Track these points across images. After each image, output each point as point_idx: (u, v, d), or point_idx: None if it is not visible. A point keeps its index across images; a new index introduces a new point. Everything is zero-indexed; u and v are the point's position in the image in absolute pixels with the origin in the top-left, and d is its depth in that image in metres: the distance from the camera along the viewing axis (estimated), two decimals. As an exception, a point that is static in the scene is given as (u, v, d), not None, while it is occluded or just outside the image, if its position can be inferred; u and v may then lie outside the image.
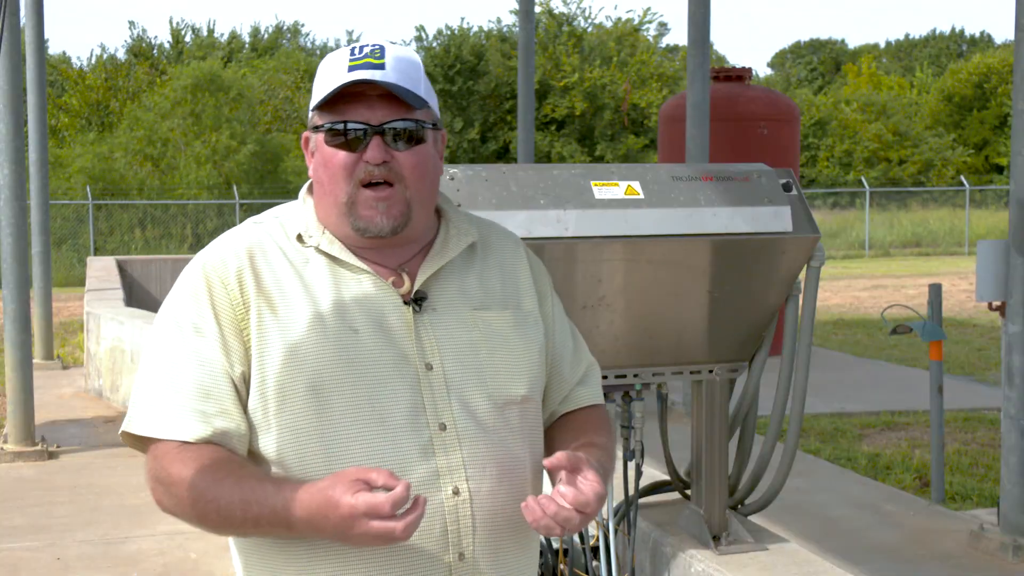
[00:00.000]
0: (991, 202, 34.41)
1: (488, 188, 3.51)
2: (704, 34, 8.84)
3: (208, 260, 1.93)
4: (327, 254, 1.94)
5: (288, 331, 1.87)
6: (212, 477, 1.81)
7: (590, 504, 1.81)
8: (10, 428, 8.22)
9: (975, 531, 5.91)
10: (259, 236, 1.96)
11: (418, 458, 1.87)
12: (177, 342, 1.89)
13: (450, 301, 1.97)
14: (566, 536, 3.97)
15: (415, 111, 1.92)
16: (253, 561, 1.95)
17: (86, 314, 10.79)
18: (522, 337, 2.00)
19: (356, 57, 1.91)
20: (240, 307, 1.89)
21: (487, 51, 37.80)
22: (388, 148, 1.90)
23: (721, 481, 4.01)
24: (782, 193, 3.79)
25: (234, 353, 1.87)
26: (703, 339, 3.86)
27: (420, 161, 1.93)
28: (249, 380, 1.88)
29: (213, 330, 1.88)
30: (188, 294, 1.91)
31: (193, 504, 1.82)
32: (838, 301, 18.43)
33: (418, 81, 1.93)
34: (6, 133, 8.18)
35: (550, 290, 2.12)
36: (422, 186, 1.94)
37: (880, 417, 9.33)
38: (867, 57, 52.71)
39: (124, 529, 6.40)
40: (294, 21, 55.33)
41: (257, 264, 1.92)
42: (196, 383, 1.86)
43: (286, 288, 1.91)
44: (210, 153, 29.99)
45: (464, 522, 1.89)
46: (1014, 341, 5.74)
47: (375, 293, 1.93)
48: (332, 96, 1.90)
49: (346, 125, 1.90)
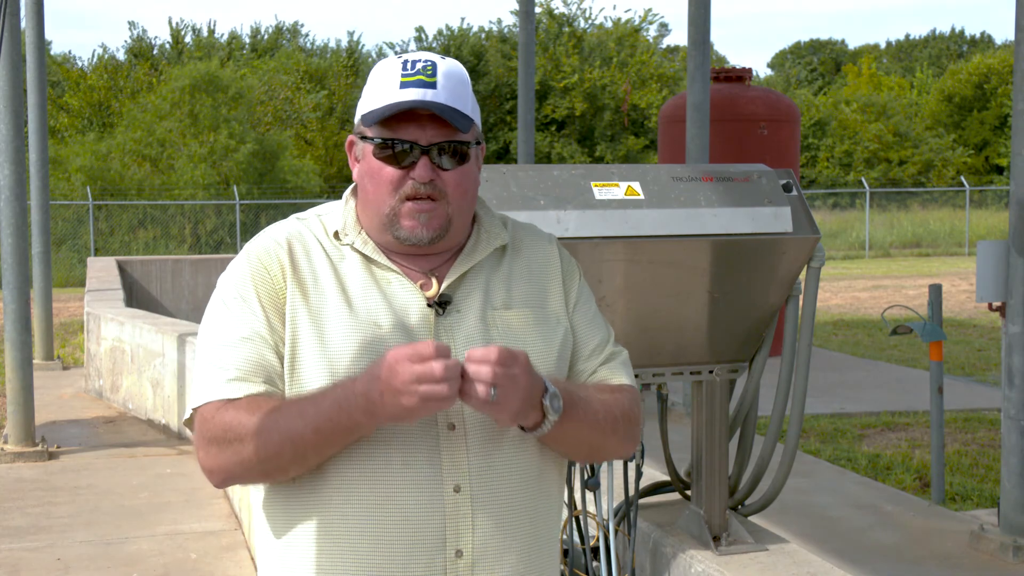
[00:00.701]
0: (991, 203, 34.42)
1: (488, 188, 3.51)
2: (704, 34, 8.85)
3: (252, 248, 2.04)
4: (361, 253, 2.02)
5: (317, 318, 1.96)
6: (265, 407, 1.89)
7: (478, 353, 1.81)
8: (10, 428, 8.22)
9: (975, 532, 5.91)
10: (299, 229, 2.06)
11: (424, 454, 1.92)
12: (226, 320, 1.99)
13: (474, 302, 2.03)
14: (567, 539, 3.98)
15: (463, 132, 1.98)
16: (268, 549, 2.02)
17: (86, 314, 10.79)
18: (541, 336, 2.04)
19: (408, 73, 1.97)
20: (281, 291, 1.98)
21: (487, 52, 37.81)
22: (435, 167, 1.97)
23: (721, 481, 4.01)
24: (782, 194, 3.79)
25: (276, 333, 1.97)
26: (703, 339, 3.86)
27: (463, 180, 2.00)
28: (284, 361, 1.96)
29: (257, 309, 1.97)
30: (235, 279, 2.02)
31: (252, 437, 1.88)
32: (838, 302, 18.43)
33: (466, 99, 2.00)
34: (6, 133, 8.19)
35: (576, 288, 2.15)
36: (463, 202, 2.02)
37: (880, 418, 9.33)
38: (867, 57, 52.73)
39: (124, 530, 6.41)
40: (294, 21, 55.32)
41: (295, 253, 2.01)
42: (242, 357, 1.95)
43: (320, 279, 2.00)
44: (207, 153, 29.98)
45: (463, 520, 1.93)
46: (1014, 342, 5.74)
47: (401, 294, 2.00)
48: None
49: (396, 143, 1.97)
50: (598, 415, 1.99)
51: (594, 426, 1.99)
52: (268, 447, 1.87)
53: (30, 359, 8.41)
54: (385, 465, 1.92)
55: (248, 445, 1.88)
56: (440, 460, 1.93)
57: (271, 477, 1.95)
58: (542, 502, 2.04)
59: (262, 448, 1.87)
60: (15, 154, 8.24)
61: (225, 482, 1.97)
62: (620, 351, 2.16)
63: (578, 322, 2.12)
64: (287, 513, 1.98)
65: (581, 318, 2.13)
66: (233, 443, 1.90)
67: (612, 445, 2.07)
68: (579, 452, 2.11)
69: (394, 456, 1.92)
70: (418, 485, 1.91)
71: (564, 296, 2.12)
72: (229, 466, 1.92)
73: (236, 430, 1.89)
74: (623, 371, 2.13)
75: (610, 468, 3.88)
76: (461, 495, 1.93)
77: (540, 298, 2.09)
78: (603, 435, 2.02)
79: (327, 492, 1.93)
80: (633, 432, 2.09)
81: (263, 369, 1.94)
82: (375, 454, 1.91)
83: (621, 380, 2.12)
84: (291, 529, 1.97)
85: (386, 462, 1.92)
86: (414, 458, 1.92)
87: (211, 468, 1.95)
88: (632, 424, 2.08)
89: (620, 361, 2.14)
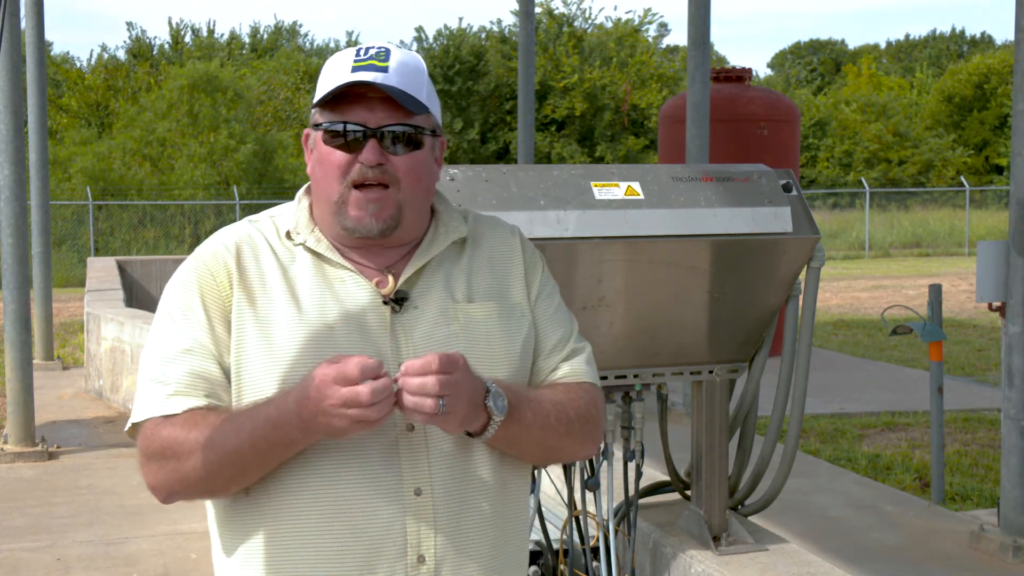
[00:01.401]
0: (991, 203, 34.42)
1: (488, 189, 3.52)
2: (704, 34, 8.85)
3: (200, 254, 1.98)
4: (313, 251, 1.96)
5: (265, 326, 1.90)
6: (203, 423, 1.84)
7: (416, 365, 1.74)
8: (10, 428, 8.22)
9: (975, 532, 5.91)
10: (250, 232, 2.00)
11: (382, 457, 1.87)
12: (169, 332, 1.93)
13: (433, 297, 1.96)
14: (558, 534, 3.98)
15: (415, 116, 1.92)
16: (223, 567, 1.96)
17: (86, 314, 10.79)
18: (504, 329, 1.98)
19: (361, 58, 1.92)
20: (227, 298, 1.93)
21: (487, 52, 37.81)
22: (384, 151, 1.91)
23: (721, 482, 4.01)
24: (782, 194, 3.79)
25: (221, 343, 1.91)
26: (703, 340, 3.86)
27: (415, 166, 1.93)
28: (230, 371, 1.91)
29: (202, 318, 1.92)
30: (181, 286, 1.96)
31: (188, 455, 1.83)
32: (838, 302, 18.43)
33: (420, 86, 1.94)
34: (6, 133, 8.18)
35: (540, 281, 2.08)
36: (416, 191, 1.95)
37: (880, 418, 9.33)
38: (867, 58, 52.73)
39: (124, 530, 6.41)
40: (293, 21, 55.29)
41: (244, 259, 1.95)
42: (186, 368, 1.90)
43: (269, 284, 1.94)
44: (207, 153, 29.97)
45: (425, 524, 1.87)
46: (1014, 342, 5.74)
47: (356, 292, 1.94)
48: (333, 95, 1.91)
49: (345, 126, 1.91)
50: (549, 416, 1.93)
51: (545, 428, 1.92)
52: (207, 464, 1.83)
53: (30, 359, 8.41)
54: (341, 470, 1.86)
55: (186, 462, 1.84)
56: (399, 463, 1.87)
57: (215, 493, 1.91)
58: (508, 503, 1.98)
59: (201, 465, 1.83)
60: (15, 154, 8.24)
61: (169, 498, 1.92)
62: (583, 347, 2.08)
63: (540, 316, 2.05)
64: (242, 527, 1.92)
65: (543, 312, 2.06)
66: (171, 460, 1.85)
67: (568, 446, 2.00)
68: (532, 454, 2.00)
69: (351, 460, 1.86)
70: (376, 489, 1.86)
71: (526, 288, 2.05)
72: (170, 483, 1.88)
73: (174, 447, 1.84)
74: (584, 368, 2.05)
75: (610, 468, 3.88)
76: (422, 498, 1.87)
77: (502, 291, 2.02)
78: (556, 436, 1.95)
79: (281, 502, 1.87)
80: (592, 432, 2.01)
81: (205, 382, 1.89)
82: (330, 459, 1.86)
83: (581, 378, 2.04)
84: (245, 543, 1.91)
85: (342, 467, 1.86)
86: (371, 462, 1.86)
87: (153, 485, 1.91)
88: (589, 423, 2.00)
89: (582, 358, 2.06)
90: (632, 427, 3.88)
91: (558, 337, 2.06)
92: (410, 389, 1.74)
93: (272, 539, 1.88)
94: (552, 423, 1.93)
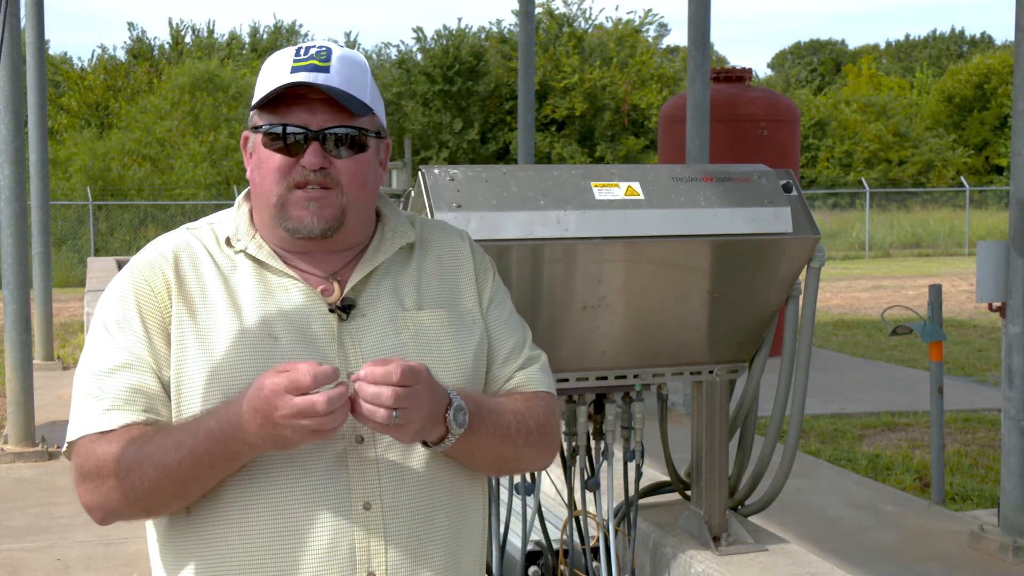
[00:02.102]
0: (991, 203, 34.42)
1: (488, 189, 3.51)
2: (704, 35, 8.84)
3: (136, 264, 1.91)
4: (255, 259, 1.89)
5: (205, 338, 1.83)
6: (140, 439, 1.76)
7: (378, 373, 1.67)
8: (10, 429, 8.22)
9: (975, 532, 5.90)
10: (188, 240, 1.93)
11: (329, 470, 1.80)
12: (105, 345, 1.85)
13: (381, 305, 1.90)
14: (557, 537, 3.98)
15: (358, 118, 1.86)
16: (168, 563, 1.89)
17: (86, 315, 10.79)
18: (455, 337, 1.92)
19: (301, 58, 1.85)
20: (166, 309, 1.85)
21: (486, 52, 37.81)
22: (327, 154, 1.84)
23: (721, 482, 4.01)
24: (782, 194, 3.79)
25: (160, 356, 1.83)
26: (703, 340, 3.86)
27: (359, 169, 1.87)
28: (169, 385, 1.84)
29: (139, 330, 1.84)
30: (117, 297, 1.88)
31: (126, 473, 1.75)
32: (838, 302, 18.43)
33: (364, 86, 1.87)
34: (6, 133, 8.18)
35: (491, 287, 2.02)
36: (360, 194, 1.88)
37: (880, 418, 9.33)
38: (867, 58, 52.72)
39: (124, 530, 6.40)
40: (293, 21, 55.27)
41: (182, 268, 1.88)
42: (123, 383, 1.82)
43: (209, 294, 1.86)
44: (207, 152, 29.96)
45: (375, 539, 1.81)
46: (1014, 342, 5.74)
47: (300, 300, 1.87)
48: (272, 97, 1.84)
49: (285, 128, 1.84)
50: (509, 427, 1.87)
51: (504, 439, 1.87)
52: (144, 482, 1.74)
53: (30, 359, 8.41)
54: (287, 485, 1.79)
55: (124, 481, 1.75)
56: (347, 476, 1.80)
57: (154, 512, 1.83)
58: (463, 515, 1.92)
59: (138, 483, 1.74)
60: (15, 154, 8.24)
61: (107, 519, 1.83)
62: (538, 355, 2.03)
63: (492, 323, 1.99)
64: (184, 548, 1.84)
65: (495, 319, 2.00)
66: (107, 479, 1.77)
67: (526, 457, 1.95)
68: (487, 465, 1.94)
69: (296, 474, 1.79)
70: (324, 504, 1.78)
71: (478, 295, 1.99)
72: (107, 503, 1.79)
73: (110, 465, 1.76)
74: (540, 377, 1.99)
75: (610, 468, 3.88)
76: (372, 512, 1.80)
77: (453, 298, 1.96)
78: (515, 447, 1.89)
79: (224, 519, 1.80)
80: (549, 442, 1.96)
81: (143, 396, 1.81)
82: (275, 473, 1.78)
83: (537, 387, 1.98)
84: (188, 565, 1.83)
85: (288, 481, 1.79)
86: (318, 475, 1.79)
87: (89, 505, 1.82)
88: (547, 434, 1.94)
89: (537, 367, 2.00)
90: (632, 427, 3.88)
91: (512, 345, 2.00)
92: (364, 397, 1.67)
93: (215, 559, 1.81)
94: (512, 434, 1.88)
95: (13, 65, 8.23)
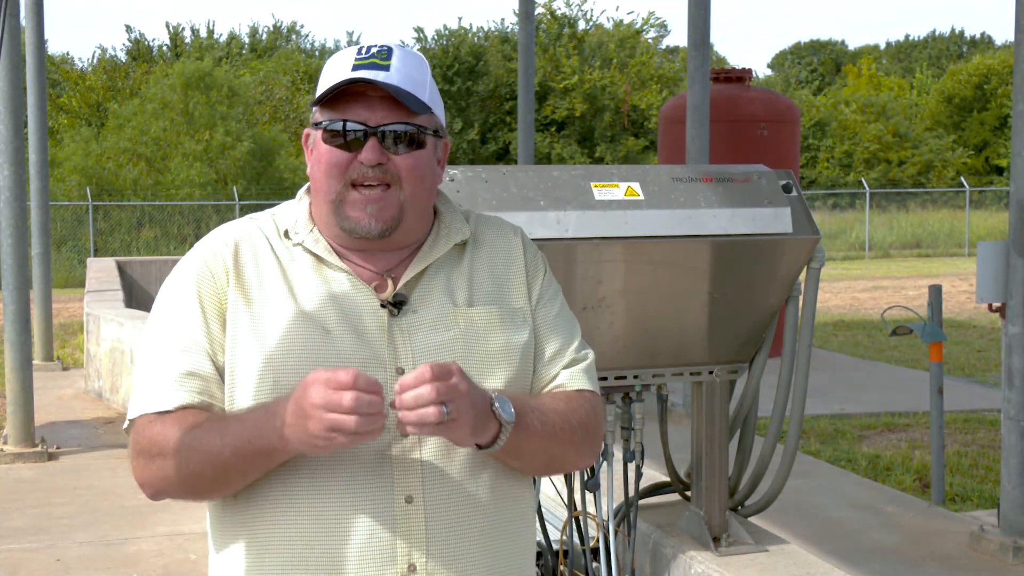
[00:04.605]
0: (991, 203, 34.43)
1: (488, 189, 3.51)
2: (704, 35, 8.84)
3: (199, 251, 1.95)
4: (312, 252, 1.93)
5: (259, 326, 1.86)
6: (193, 424, 1.81)
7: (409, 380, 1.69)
8: (10, 429, 8.22)
9: (975, 532, 5.91)
10: (250, 230, 1.97)
11: (373, 463, 1.83)
12: (165, 328, 1.91)
13: (433, 301, 1.92)
14: (557, 536, 3.97)
15: (416, 116, 1.88)
16: (213, 567, 1.95)
17: (86, 315, 10.79)
18: (504, 333, 1.93)
19: (362, 56, 1.88)
20: (224, 296, 1.90)
21: (486, 52, 37.82)
22: (385, 151, 1.87)
23: (721, 482, 4.00)
24: (782, 194, 3.79)
25: (216, 341, 1.88)
26: (703, 340, 3.85)
27: (417, 165, 1.89)
28: (224, 369, 1.88)
29: (198, 315, 1.89)
30: (178, 282, 1.93)
31: (175, 454, 1.80)
32: (838, 302, 18.43)
33: (423, 85, 1.90)
34: (6, 134, 8.18)
35: (541, 284, 2.03)
36: (418, 191, 1.90)
37: (880, 418, 9.33)
38: (867, 58, 52.74)
39: (124, 530, 6.40)
40: (292, 21, 55.28)
41: (241, 257, 1.92)
42: (180, 366, 1.87)
43: (266, 283, 1.90)
44: (203, 151, 29.90)
45: (416, 532, 1.83)
46: (1014, 342, 5.74)
47: (353, 295, 1.90)
48: (333, 94, 1.87)
49: (344, 124, 1.87)
50: (555, 424, 1.88)
51: (551, 436, 1.88)
52: (190, 465, 1.80)
53: (30, 360, 8.41)
54: (331, 476, 1.82)
55: (170, 461, 1.81)
56: (391, 469, 1.83)
57: (199, 496, 1.88)
58: (508, 511, 1.93)
59: (184, 465, 1.80)
60: (15, 154, 8.24)
61: (157, 495, 1.89)
62: (585, 355, 2.02)
63: (541, 322, 1.99)
64: (231, 532, 1.89)
65: (544, 318, 2.00)
66: (157, 457, 1.83)
67: (571, 456, 1.96)
68: (536, 465, 1.95)
69: (341, 466, 1.82)
70: (367, 496, 1.81)
71: (528, 293, 2.00)
72: (156, 481, 1.85)
73: (161, 444, 1.82)
74: (584, 376, 1.99)
75: (610, 469, 3.88)
76: (413, 506, 1.83)
77: (503, 295, 1.97)
78: (561, 445, 1.90)
79: (270, 507, 1.84)
80: (592, 442, 1.97)
81: (199, 380, 1.86)
82: (320, 465, 1.82)
83: (582, 387, 1.98)
84: (233, 547, 1.88)
85: (332, 472, 1.82)
86: (361, 467, 1.82)
87: (141, 481, 1.88)
88: (589, 433, 1.95)
89: (582, 367, 2.00)
90: (632, 428, 3.88)
91: (559, 344, 2.00)
92: (407, 405, 1.68)
93: (260, 544, 1.85)
94: (557, 432, 1.89)
95: (13, 65, 8.23)
